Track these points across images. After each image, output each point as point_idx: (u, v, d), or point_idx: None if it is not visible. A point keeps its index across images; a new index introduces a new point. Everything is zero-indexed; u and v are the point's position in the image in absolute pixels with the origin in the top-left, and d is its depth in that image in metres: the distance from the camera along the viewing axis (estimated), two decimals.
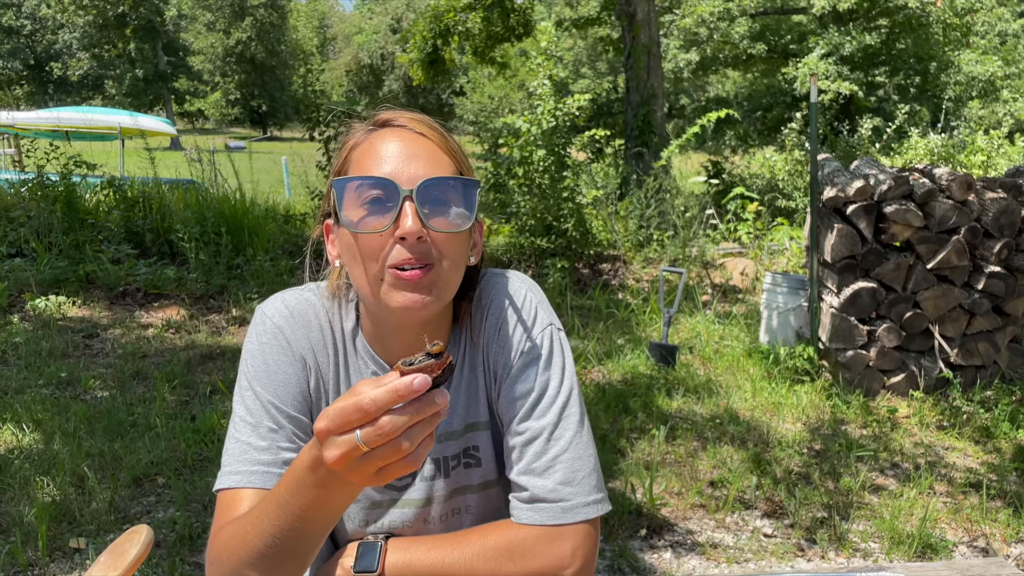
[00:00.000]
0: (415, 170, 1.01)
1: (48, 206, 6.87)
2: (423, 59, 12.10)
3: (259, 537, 0.91)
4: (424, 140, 1.05)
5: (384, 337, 1.12)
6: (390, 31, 52.01)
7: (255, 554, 0.92)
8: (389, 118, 1.08)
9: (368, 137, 1.07)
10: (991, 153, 10.56)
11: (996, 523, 3.16)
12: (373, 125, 1.09)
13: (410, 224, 0.96)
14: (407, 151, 1.02)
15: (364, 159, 1.04)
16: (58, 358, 4.90)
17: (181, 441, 3.68)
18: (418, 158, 1.02)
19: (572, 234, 7.21)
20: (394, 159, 1.02)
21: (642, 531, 3.04)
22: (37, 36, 51.37)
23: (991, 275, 4.42)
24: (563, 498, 1.04)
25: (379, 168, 1.01)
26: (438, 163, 1.03)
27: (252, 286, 6.42)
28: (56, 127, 12.27)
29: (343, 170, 1.08)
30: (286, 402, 1.07)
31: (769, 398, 4.43)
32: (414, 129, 1.06)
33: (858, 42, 17.48)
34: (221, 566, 0.96)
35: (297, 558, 0.93)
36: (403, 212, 0.97)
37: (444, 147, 1.07)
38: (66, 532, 2.93)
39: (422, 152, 1.03)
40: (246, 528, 0.94)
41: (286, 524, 0.88)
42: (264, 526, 0.91)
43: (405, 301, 0.99)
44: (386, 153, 1.02)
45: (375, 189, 0.99)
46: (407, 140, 1.04)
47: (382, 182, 0.99)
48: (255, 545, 0.92)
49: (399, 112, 1.10)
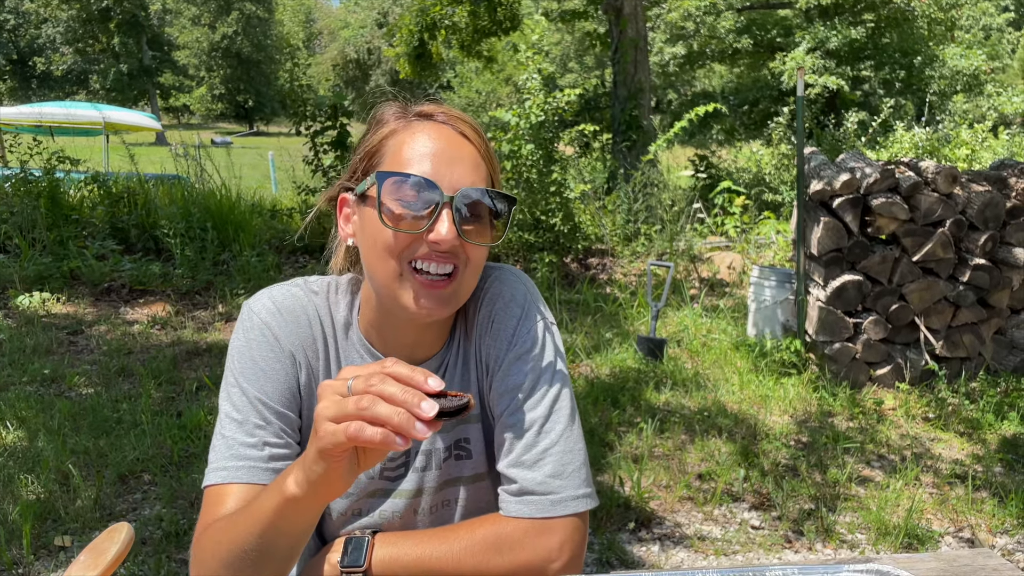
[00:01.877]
0: (457, 176, 1.00)
1: (31, 202, 6.80)
2: (410, 53, 12.04)
3: (242, 538, 0.91)
4: (467, 144, 1.04)
5: (385, 328, 1.11)
6: (376, 26, 51.84)
7: (238, 555, 0.92)
8: (432, 112, 1.06)
9: (408, 127, 1.04)
10: (975, 147, 10.63)
11: (982, 514, 3.19)
12: (415, 115, 1.06)
13: (445, 232, 0.96)
14: (450, 153, 1.01)
15: (404, 149, 1.02)
16: (42, 355, 4.86)
17: (167, 438, 3.66)
18: (461, 163, 1.01)
19: (560, 229, 7.21)
20: (437, 160, 1.00)
21: (630, 524, 3.05)
22: (20, 31, 50.86)
23: (976, 267, 4.45)
24: (552, 491, 1.04)
25: (420, 165, 0.99)
26: (478, 171, 1.03)
27: (239, 281, 6.38)
28: (39, 122, 12.15)
29: (377, 155, 1.05)
30: (274, 398, 1.06)
31: (756, 391, 4.45)
32: (458, 129, 1.05)
33: (844, 36, 17.58)
34: (204, 566, 0.95)
35: (279, 559, 0.93)
36: (440, 218, 0.97)
37: (484, 153, 1.06)
38: (51, 530, 2.90)
39: (465, 157, 1.02)
40: (230, 530, 0.93)
41: (268, 526, 0.89)
42: (248, 527, 0.91)
43: (424, 307, 1.00)
44: (428, 150, 1.01)
45: (415, 188, 0.98)
46: (451, 142, 1.02)
47: (425, 183, 0.98)
48: (239, 546, 0.92)
49: (442, 107, 1.08)
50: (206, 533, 0.97)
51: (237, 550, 0.92)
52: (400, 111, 1.08)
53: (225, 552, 0.93)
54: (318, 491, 0.84)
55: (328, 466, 0.81)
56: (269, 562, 0.92)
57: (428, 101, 1.09)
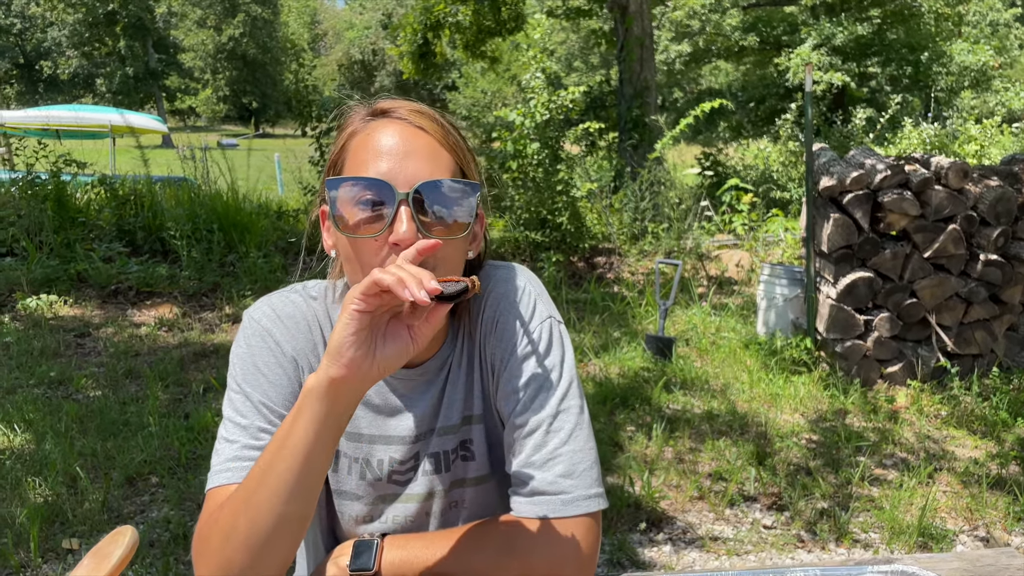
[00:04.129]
0: (412, 170, 0.96)
1: (38, 205, 6.80)
2: (413, 52, 12.03)
3: (249, 510, 0.89)
4: (424, 135, 1.01)
5: None
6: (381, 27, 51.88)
7: (243, 534, 0.89)
8: (388, 108, 1.04)
9: (366, 127, 1.02)
10: (984, 142, 10.57)
11: (996, 512, 3.15)
12: (371, 114, 1.05)
13: (404, 230, 0.93)
14: (405, 148, 0.98)
15: (360, 152, 1.00)
16: (49, 357, 4.86)
17: (174, 440, 3.65)
18: (416, 156, 0.98)
19: (567, 228, 7.18)
20: (391, 156, 0.97)
21: (641, 524, 3.02)
22: (27, 34, 51.03)
23: (988, 263, 4.41)
24: (563, 491, 1.02)
25: (375, 165, 0.97)
26: (437, 162, 0.99)
27: (245, 283, 6.38)
28: (46, 126, 12.17)
29: (340, 160, 1.04)
30: (277, 402, 1.05)
31: (767, 389, 4.41)
32: (413, 123, 1.02)
33: (850, 32, 17.50)
34: (208, 555, 0.92)
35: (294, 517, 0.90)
36: (398, 217, 0.94)
37: (445, 143, 1.02)
38: (58, 533, 2.89)
39: (421, 149, 0.99)
40: (233, 506, 0.91)
41: (283, 469, 0.88)
42: (262, 470, 0.90)
43: None
44: (383, 148, 0.98)
45: (369, 190, 0.95)
46: (406, 135, 1.00)
47: (376, 184, 0.95)
48: (246, 522, 0.89)
49: (400, 102, 1.05)
50: (208, 521, 0.94)
51: (249, 516, 0.89)
52: (360, 111, 1.06)
53: (232, 524, 0.90)
54: (342, 367, 0.85)
55: (350, 319, 0.84)
56: (288, 509, 0.89)
57: (387, 97, 1.07)
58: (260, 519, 0.89)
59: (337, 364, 0.85)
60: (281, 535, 0.90)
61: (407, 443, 1.12)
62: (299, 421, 0.87)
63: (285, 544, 0.91)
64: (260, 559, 0.90)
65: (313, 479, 0.90)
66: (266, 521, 0.89)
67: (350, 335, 0.84)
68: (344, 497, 1.14)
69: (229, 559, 0.90)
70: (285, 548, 0.91)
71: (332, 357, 0.85)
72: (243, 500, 0.90)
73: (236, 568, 0.90)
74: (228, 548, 0.90)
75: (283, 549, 0.91)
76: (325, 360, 0.86)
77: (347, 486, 1.14)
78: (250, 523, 0.89)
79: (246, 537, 0.89)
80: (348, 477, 1.13)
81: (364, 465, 1.13)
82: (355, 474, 1.13)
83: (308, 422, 0.87)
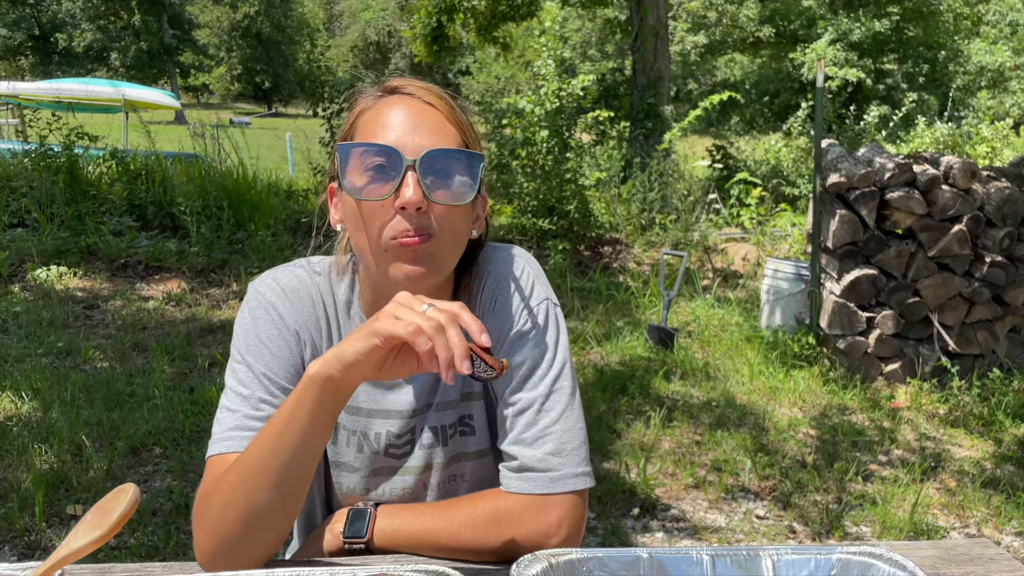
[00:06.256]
0: (420, 140, 1.01)
1: (50, 177, 6.85)
2: (427, 35, 12.01)
3: (247, 486, 0.93)
4: (431, 110, 1.05)
5: (381, 306, 1.12)
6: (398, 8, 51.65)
7: (241, 508, 0.94)
8: (398, 85, 1.09)
9: (376, 103, 1.07)
10: (996, 144, 10.51)
11: (988, 510, 3.18)
12: (382, 91, 1.09)
13: (411, 194, 0.97)
14: (413, 121, 1.03)
15: (371, 125, 1.04)
16: (58, 328, 4.92)
17: (179, 412, 3.70)
18: (424, 128, 1.02)
19: (574, 216, 7.19)
20: (400, 128, 1.02)
21: (635, 510, 3.06)
22: (42, 6, 51.04)
23: (992, 264, 4.41)
24: (551, 468, 1.05)
25: (384, 136, 1.01)
26: (443, 134, 1.03)
27: (253, 260, 6.42)
28: (59, 98, 12.20)
29: (350, 134, 1.08)
30: (279, 374, 1.08)
31: (767, 383, 4.44)
32: (422, 98, 1.06)
33: (867, 28, 17.36)
34: (206, 524, 0.97)
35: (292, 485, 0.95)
36: (405, 181, 0.98)
37: (451, 118, 1.07)
38: (63, 499, 2.95)
39: (428, 122, 1.03)
40: (232, 480, 0.95)
41: (280, 448, 0.92)
42: (262, 443, 0.94)
43: (403, 272, 1.00)
44: (392, 121, 1.02)
45: (379, 156, 1.00)
46: (414, 109, 1.04)
47: (386, 150, 0.99)
48: (243, 498, 0.94)
49: (409, 80, 1.10)
50: (211, 491, 0.98)
51: (249, 483, 0.94)
52: (371, 91, 1.10)
53: (230, 497, 0.94)
54: (344, 373, 0.89)
55: (368, 347, 0.86)
56: (283, 488, 0.94)
57: (396, 76, 1.11)
58: (256, 496, 0.94)
59: (340, 368, 0.89)
60: (276, 511, 0.95)
61: (404, 417, 1.15)
62: (299, 405, 0.92)
63: (280, 519, 0.97)
64: (256, 531, 0.95)
65: (310, 458, 0.95)
66: (262, 498, 0.94)
67: (362, 354, 0.88)
68: (342, 469, 1.17)
69: (227, 529, 0.95)
70: (280, 523, 0.97)
71: (337, 360, 0.89)
72: (241, 476, 0.95)
73: (233, 538, 0.95)
74: (226, 519, 0.95)
75: (278, 524, 0.97)
76: (331, 356, 0.89)
77: (345, 458, 1.17)
78: (247, 499, 0.94)
79: (243, 512, 0.94)
80: (346, 449, 1.17)
81: (362, 438, 1.16)
82: (353, 446, 1.16)
83: (307, 405, 0.91)
